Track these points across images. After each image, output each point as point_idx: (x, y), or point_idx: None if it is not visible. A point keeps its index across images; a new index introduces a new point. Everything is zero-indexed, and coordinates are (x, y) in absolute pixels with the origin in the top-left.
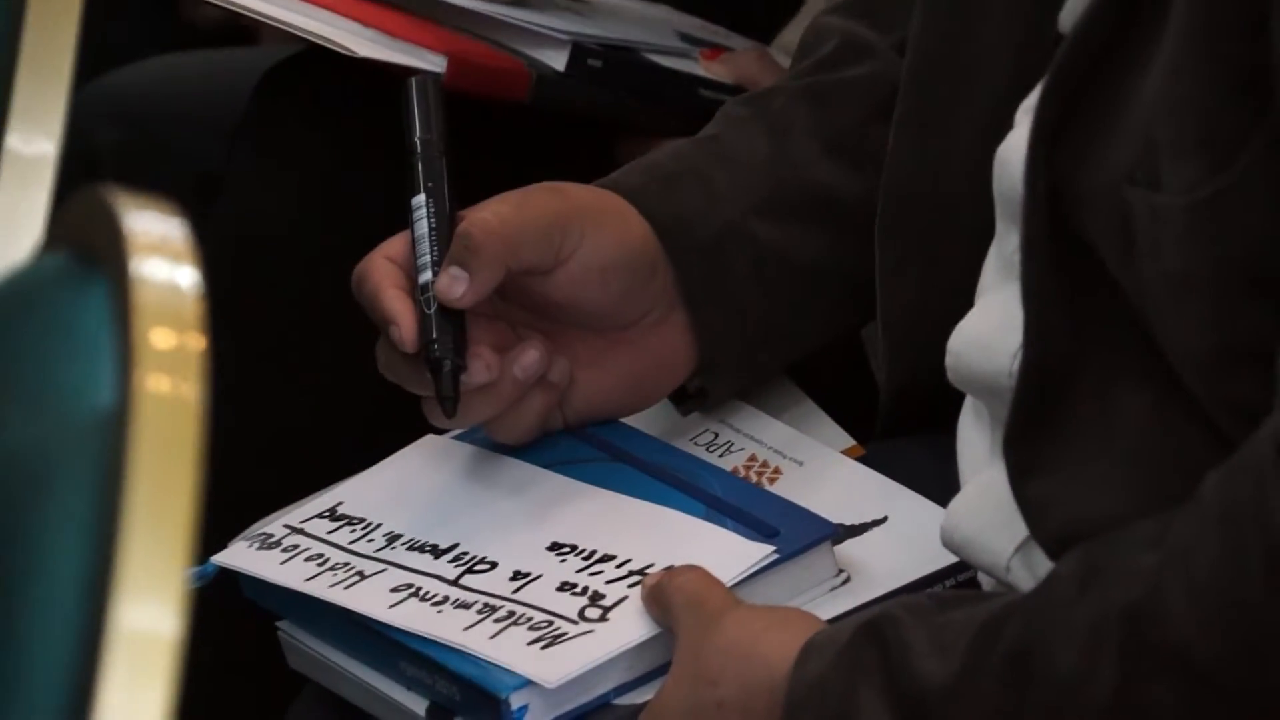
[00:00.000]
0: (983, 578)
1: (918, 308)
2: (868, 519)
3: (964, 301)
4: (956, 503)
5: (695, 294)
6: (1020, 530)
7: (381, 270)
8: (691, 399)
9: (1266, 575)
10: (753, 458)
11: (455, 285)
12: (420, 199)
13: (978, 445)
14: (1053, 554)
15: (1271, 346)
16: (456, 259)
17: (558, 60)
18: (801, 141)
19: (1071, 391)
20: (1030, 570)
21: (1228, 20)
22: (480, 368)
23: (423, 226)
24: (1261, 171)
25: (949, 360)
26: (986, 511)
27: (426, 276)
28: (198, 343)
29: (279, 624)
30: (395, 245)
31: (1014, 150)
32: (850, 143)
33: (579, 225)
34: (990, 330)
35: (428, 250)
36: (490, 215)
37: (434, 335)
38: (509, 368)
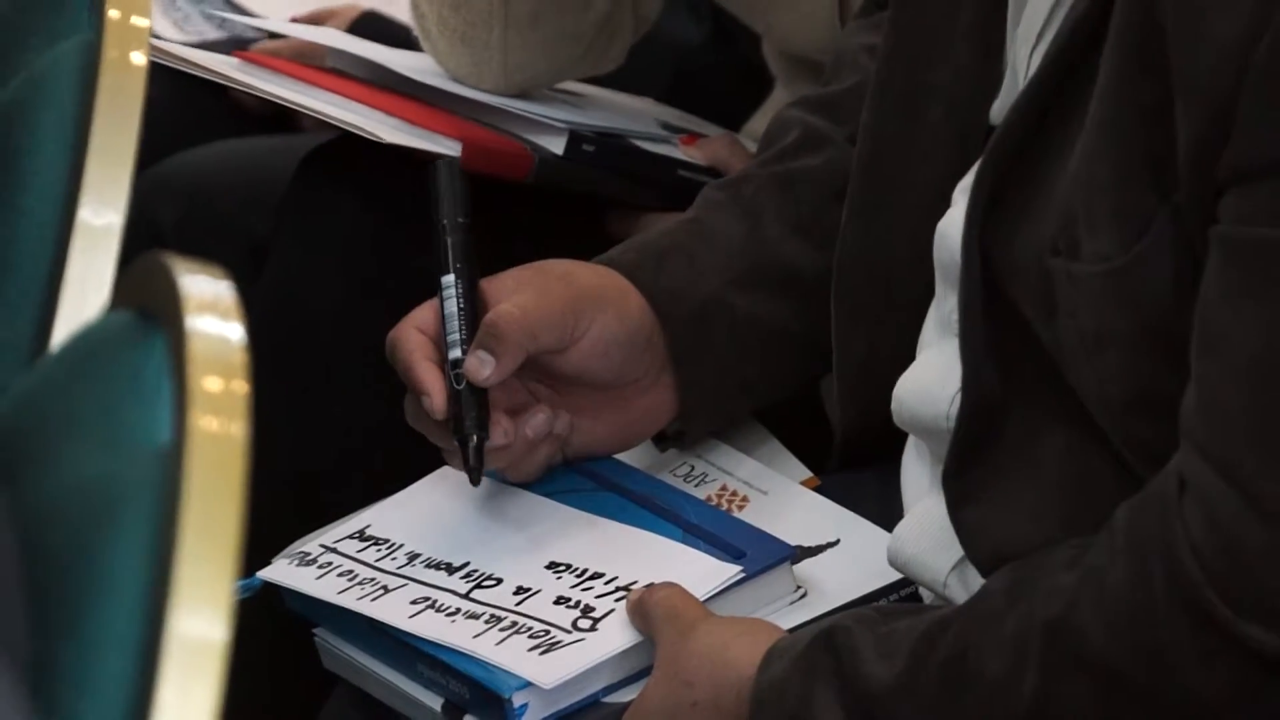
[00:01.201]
0: (923, 592)
1: (867, 360)
2: (822, 542)
3: (907, 355)
4: (900, 527)
5: (682, 355)
6: (956, 551)
7: (413, 342)
8: (669, 439)
9: (1167, 595)
10: (723, 488)
11: (483, 369)
12: (450, 279)
13: (919, 477)
14: (984, 572)
15: (1175, 395)
16: (484, 344)
17: (556, 145)
18: (771, 224)
19: (1001, 433)
20: (965, 586)
21: (1134, 113)
22: (499, 434)
23: (452, 305)
24: (1167, 244)
25: (894, 405)
26: (927, 535)
27: (456, 354)
28: (242, 388)
29: (315, 630)
30: (425, 316)
31: (951, 225)
32: (812, 224)
33: (589, 310)
34: (930, 380)
35: (457, 329)
36: (513, 306)
37: (463, 412)
38: (522, 429)
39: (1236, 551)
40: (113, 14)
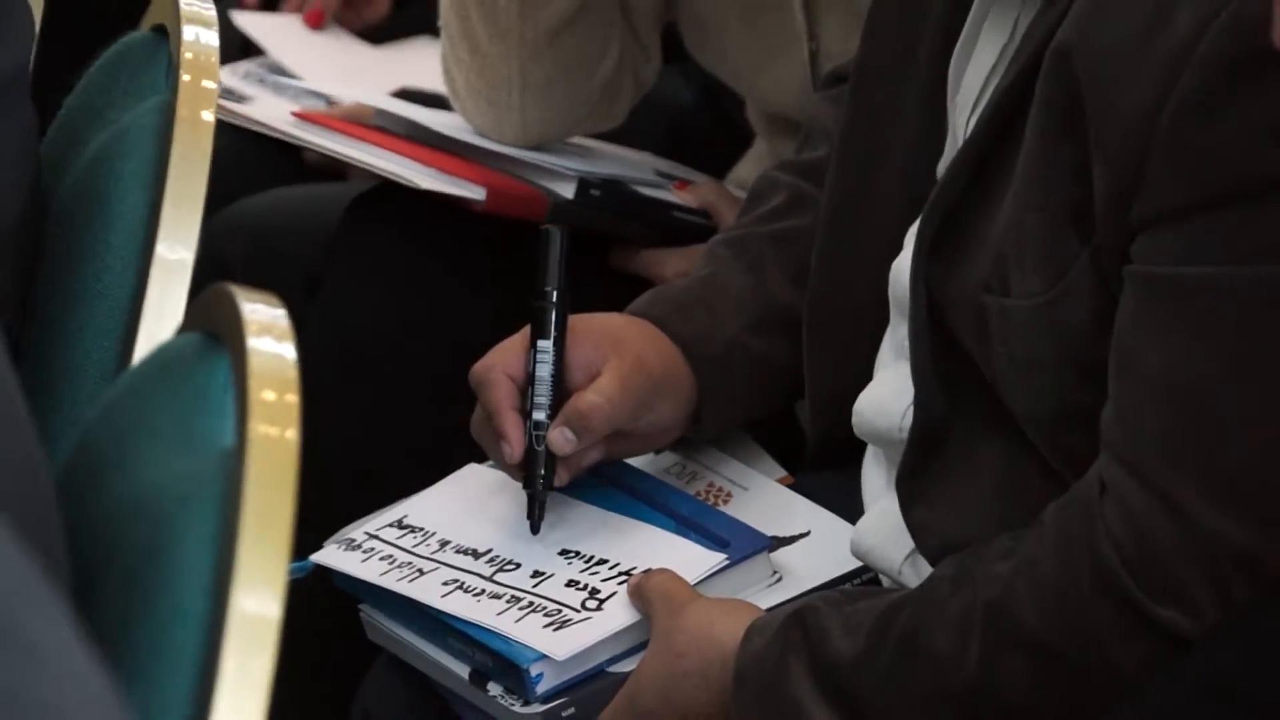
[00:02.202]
0: (882, 578)
1: (833, 381)
2: (795, 533)
3: (866, 375)
4: (861, 522)
5: (706, 392)
6: (908, 544)
7: (503, 389)
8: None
9: (1091, 582)
10: (710, 484)
11: (566, 445)
12: (547, 345)
13: (877, 480)
14: (932, 561)
15: (1095, 410)
16: (571, 425)
17: (567, 190)
18: (773, 276)
19: (946, 443)
20: (916, 573)
21: (1058, 171)
22: (559, 481)
23: (545, 371)
24: (1087, 281)
25: (855, 419)
26: (884, 529)
27: (540, 416)
28: (295, 399)
29: (360, 606)
30: (513, 362)
31: (903, 265)
32: (804, 274)
33: (657, 403)
34: (885, 397)
35: (546, 394)
36: (599, 398)
37: (534, 469)
38: (575, 469)
39: (1150, 544)
40: (185, 78)
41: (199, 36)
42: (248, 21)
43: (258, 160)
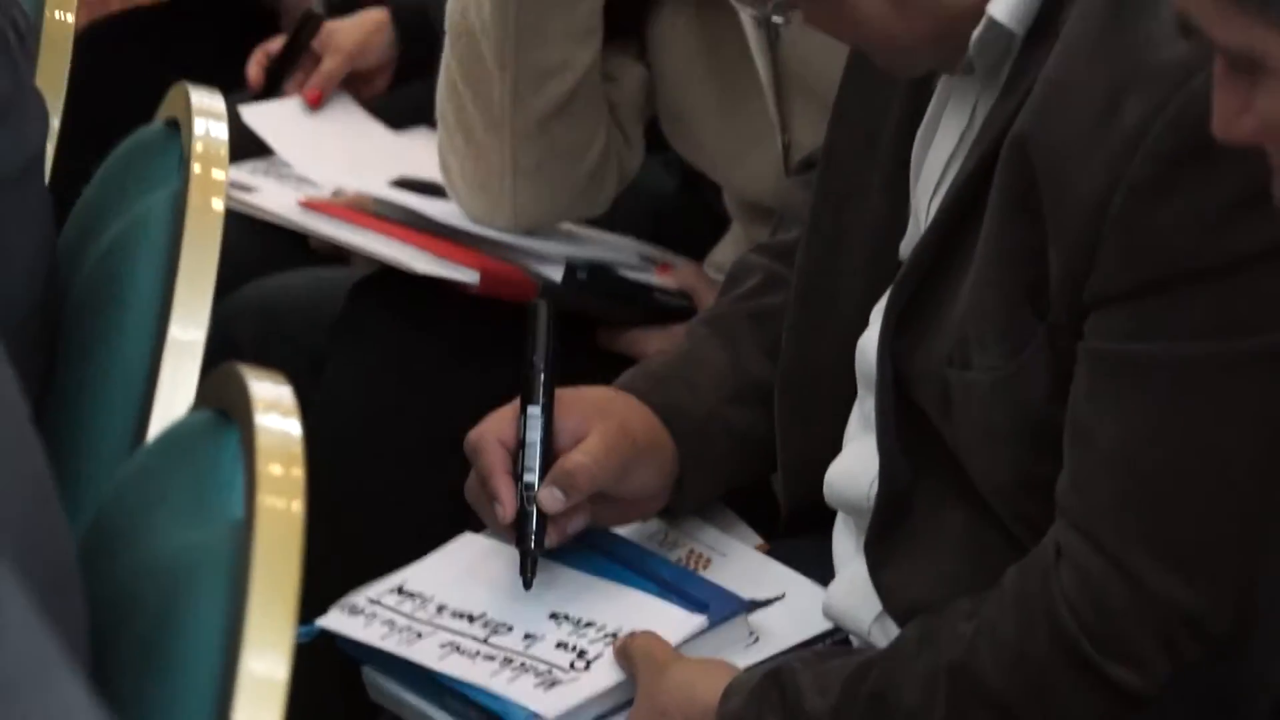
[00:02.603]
0: (852, 638)
1: (804, 451)
2: (770, 596)
3: (835, 445)
4: (833, 586)
5: (687, 462)
6: (877, 606)
7: (495, 455)
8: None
9: (1048, 642)
10: (690, 551)
11: (555, 503)
12: (536, 411)
13: (846, 546)
14: (900, 622)
15: (1052, 478)
16: (559, 484)
17: (556, 274)
18: (750, 351)
19: (911, 510)
20: (885, 633)
21: (1015, 253)
22: (550, 541)
23: (534, 435)
24: (1043, 357)
25: (825, 488)
26: (853, 592)
27: (530, 479)
28: (300, 473)
29: (363, 668)
30: (504, 430)
31: (869, 341)
32: (778, 349)
33: (639, 467)
34: (854, 468)
35: (536, 457)
36: (585, 458)
37: (526, 528)
38: (564, 531)
39: (1104, 607)
40: (196, 168)
41: (209, 130)
42: (254, 117)
43: (265, 246)
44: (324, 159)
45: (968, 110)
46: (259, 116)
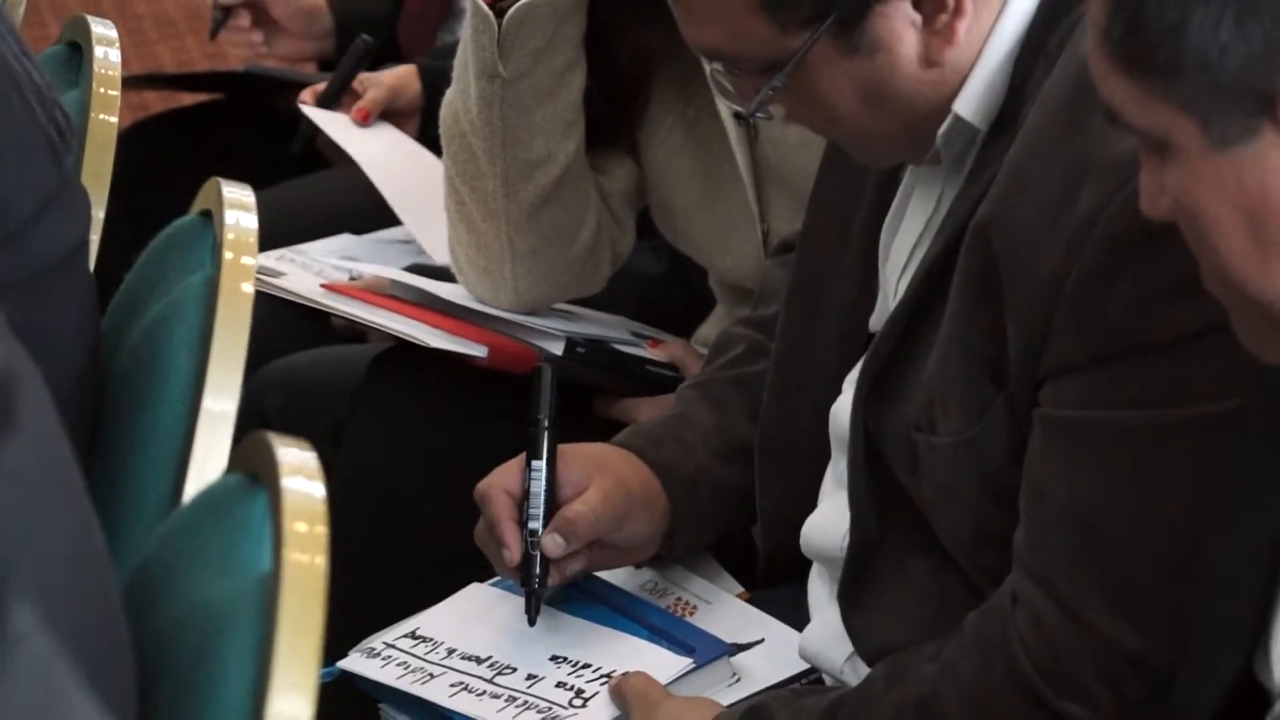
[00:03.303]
0: (826, 678)
1: (781, 506)
2: (751, 640)
3: (811, 500)
4: (808, 630)
5: (678, 513)
6: (848, 647)
7: (502, 503)
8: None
9: (1005, 680)
10: (678, 599)
11: (556, 549)
12: (540, 464)
13: (820, 593)
14: (869, 663)
15: (1009, 532)
16: (561, 531)
17: (556, 348)
18: (735, 413)
19: (879, 560)
20: (856, 673)
21: (976, 329)
22: (552, 582)
23: (539, 486)
24: (1001, 422)
25: (802, 541)
26: (827, 635)
27: (535, 526)
28: (323, 530)
29: (380, 705)
30: (511, 481)
31: (842, 407)
32: (760, 412)
33: (633, 517)
34: (828, 522)
35: (539, 507)
36: (585, 508)
37: (530, 570)
38: (565, 574)
39: (1055, 648)
40: (228, 255)
41: (239, 220)
42: (314, 113)
43: (291, 325)
44: (369, 151)
45: (934, 198)
46: (317, 114)
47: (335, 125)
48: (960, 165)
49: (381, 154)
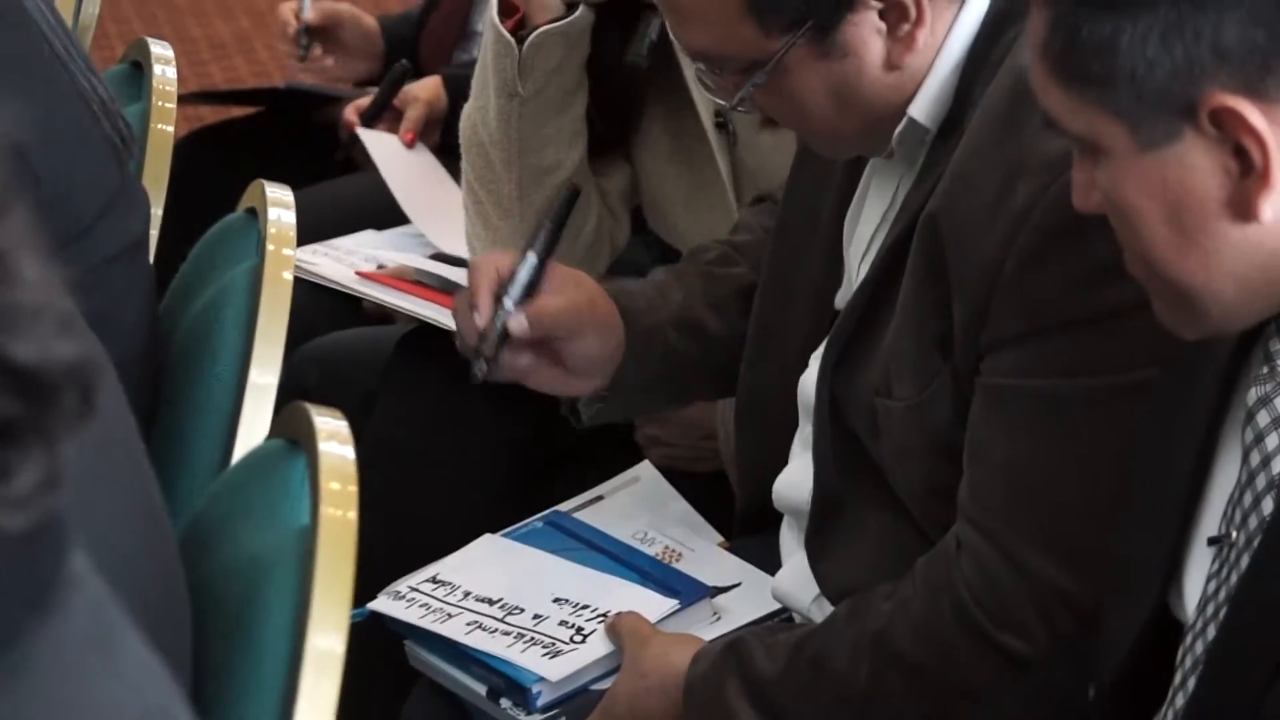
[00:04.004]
0: (795, 616)
1: (757, 463)
2: (730, 584)
3: (781, 461)
4: (779, 574)
5: (629, 353)
6: (815, 589)
7: (487, 275)
8: (589, 408)
9: (951, 616)
10: (666, 548)
11: (519, 328)
12: (534, 258)
13: (790, 541)
14: (834, 602)
15: (955, 486)
16: (529, 314)
17: None
18: (696, 298)
19: (841, 513)
20: (821, 611)
21: (926, 306)
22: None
23: (525, 275)
24: (947, 389)
25: (774, 495)
26: (796, 579)
27: (507, 303)
28: (354, 489)
29: (405, 641)
30: (504, 262)
31: (809, 379)
32: (719, 303)
33: (592, 332)
34: (796, 479)
35: (519, 291)
36: (554, 307)
37: (488, 337)
38: (513, 365)
39: (995, 587)
40: (270, 247)
41: (280, 216)
42: (367, 136)
43: (326, 309)
44: (414, 189)
45: (890, 191)
46: (371, 139)
47: (379, 146)
48: (913, 162)
49: (409, 176)
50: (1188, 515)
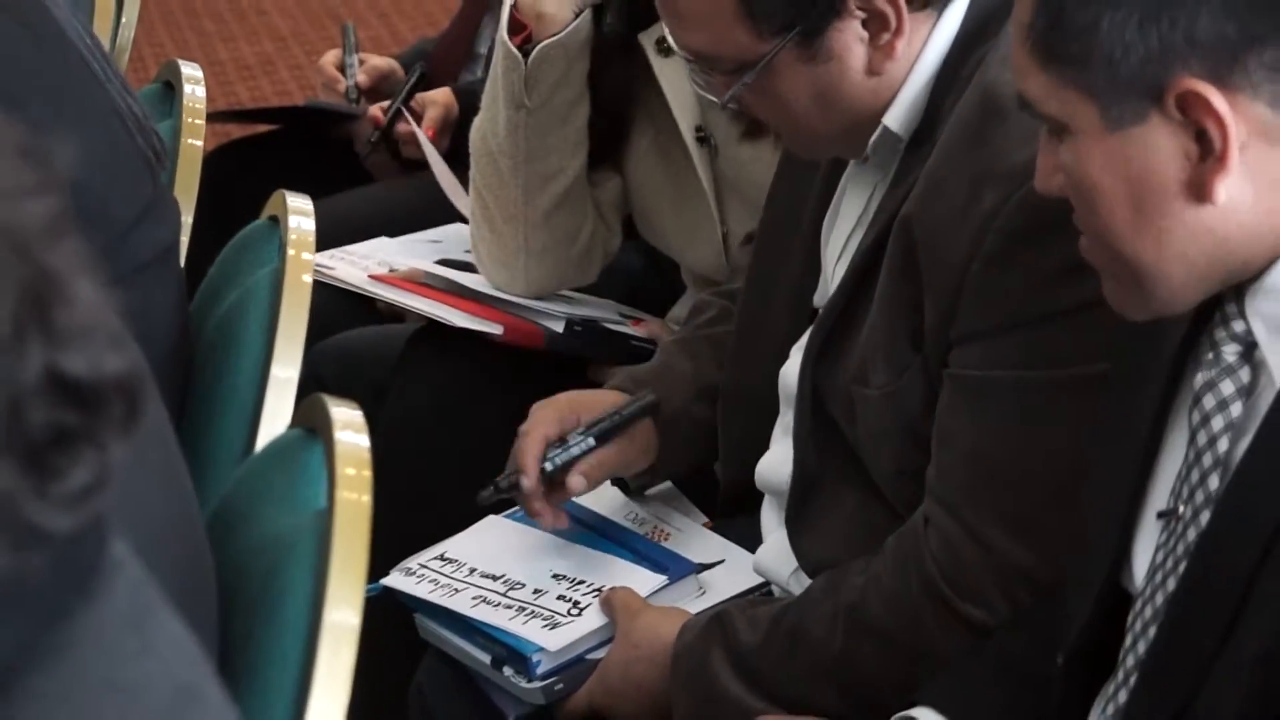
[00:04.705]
0: (775, 589)
1: (740, 448)
2: (714, 560)
3: (763, 446)
4: (760, 550)
5: (663, 442)
6: (793, 563)
7: (535, 447)
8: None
9: (919, 588)
10: (655, 528)
11: (579, 486)
12: (591, 441)
13: (771, 520)
14: (811, 576)
15: (924, 469)
16: (586, 475)
17: (558, 326)
18: (706, 363)
19: (820, 492)
20: (800, 585)
21: (900, 303)
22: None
23: (577, 450)
24: (918, 379)
25: (756, 476)
26: (777, 554)
27: (548, 467)
28: (368, 474)
29: (415, 615)
30: (551, 427)
31: (790, 370)
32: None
33: (634, 454)
34: (776, 462)
35: (565, 459)
36: (607, 458)
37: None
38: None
39: (960, 562)
40: (291, 252)
41: (300, 224)
42: (428, 147)
43: (343, 309)
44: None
45: (864, 197)
46: (429, 149)
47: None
48: (886, 170)
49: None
50: (1138, 491)
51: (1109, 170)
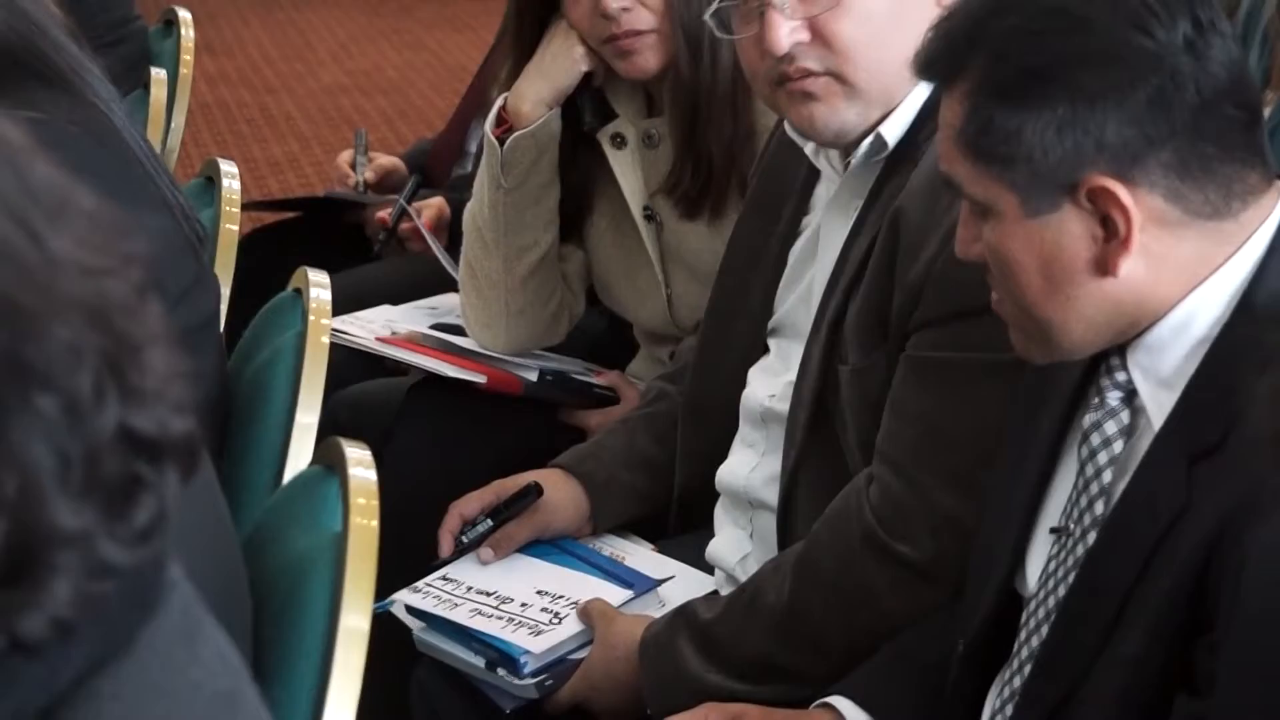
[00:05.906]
0: (721, 574)
1: (696, 458)
2: (667, 576)
3: (718, 455)
4: (714, 541)
5: (596, 506)
6: (742, 551)
7: (453, 522)
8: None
9: (860, 535)
10: (613, 551)
11: (488, 557)
12: (489, 523)
13: (723, 517)
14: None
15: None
16: (493, 547)
17: (532, 376)
18: (641, 436)
19: (806, 484)
20: (745, 571)
21: (877, 293)
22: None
23: (482, 530)
24: (883, 360)
25: (717, 479)
26: (728, 544)
27: (464, 541)
28: (376, 503)
29: (413, 630)
30: (471, 508)
31: (751, 394)
32: (662, 436)
33: (560, 517)
34: (735, 467)
35: (475, 538)
36: (515, 534)
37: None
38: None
39: (895, 506)
40: (312, 318)
41: (319, 295)
42: (430, 238)
43: (355, 365)
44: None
45: (846, 225)
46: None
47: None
48: (862, 188)
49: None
50: (1033, 510)
51: (1027, 249)
